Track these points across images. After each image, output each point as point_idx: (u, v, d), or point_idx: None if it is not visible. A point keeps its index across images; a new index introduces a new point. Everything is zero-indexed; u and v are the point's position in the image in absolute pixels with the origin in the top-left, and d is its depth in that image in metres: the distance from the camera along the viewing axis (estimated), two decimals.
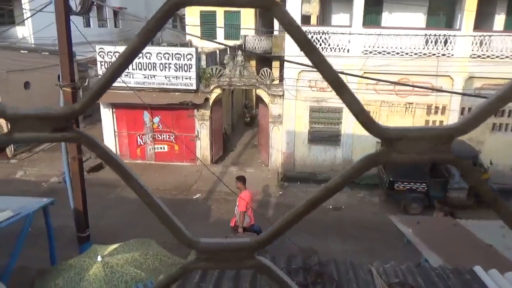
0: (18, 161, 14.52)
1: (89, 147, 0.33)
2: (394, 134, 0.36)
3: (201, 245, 0.37)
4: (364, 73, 12.17)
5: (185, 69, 13.53)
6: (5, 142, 0.32)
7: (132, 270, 4.97)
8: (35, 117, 0.32)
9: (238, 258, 0.38)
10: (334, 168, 13.86)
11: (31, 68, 14.83)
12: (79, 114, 0.33)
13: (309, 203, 0.37)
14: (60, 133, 0.33)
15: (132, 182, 0.34)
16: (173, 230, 0.37)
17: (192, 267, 0.38)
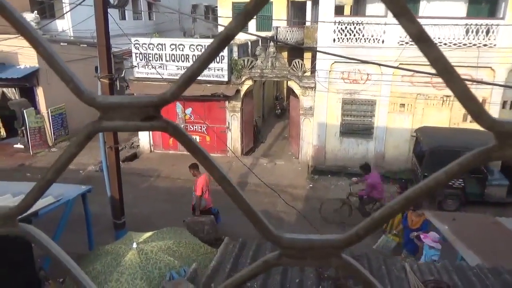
0: (59, 149, 15.15)
1: (175, 136, 0.33)
2: (509, 128, 0.33)
3: (285, 241, 0.37)
4: (399, 64, 11.81)
5: (217, 60, 13.60)
6: (95, 130, 0.33)
7: (166, 257, 5.10)
8: (124, 106, 0.33)
9: (323, 256, 0.37)
10: (367, 161, 13.60)
11: (71, 60, 15.37)
12: (169, 102, 0.33)
13: (405, 200, 0.35)
14: (149, 122, 0.33)
15: (216, 172, 0.34)
16: (256, 223, 0.37)
17: (274, 262, 0.38)
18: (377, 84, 12.98)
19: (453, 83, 0.33)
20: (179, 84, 0.32)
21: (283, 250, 0.37)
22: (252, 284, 4.38)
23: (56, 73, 0.33)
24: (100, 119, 0.33)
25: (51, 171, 0.34)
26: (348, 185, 11.26)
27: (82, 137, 0.33)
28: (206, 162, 0.34)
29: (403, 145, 13.35)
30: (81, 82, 0.33)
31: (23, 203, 0.34)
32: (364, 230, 0.37)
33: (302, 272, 4.61)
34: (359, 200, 9.76)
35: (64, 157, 0.33)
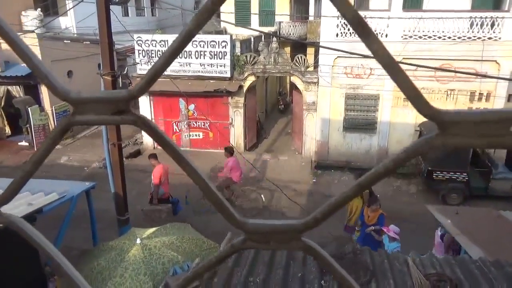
0: (63, 146, 15.24)
1: (145, 129, 0.35)
2: (449, 117, 0.35)
3: (249, 226, 0.38)
4: (403, 58, 11.76)
5: (220, 56, 13.61)
6: (69, 124, 0.35)
7: (169, 253, 5.14)
8: (96, 101, 0.34)
9: (285, 240, 0.39)
10: (369, 156, 13.59)
11: (74, 57, 15.43)
12: (136, 97, 0.35)
13: (357, 187, 0.37)
14: (119, 116, 0.34)
15: (185, 165, 0.35)
16: (223, 211, 0.38)
17: (240, 246, 0.39)
18: (380, 79, 12.92)
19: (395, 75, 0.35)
20: (145, 80, 0.34)
21: (248, 235, 0.39)
22: (254, 279, 4.41)
23: (31, 70, 0.35)
24: (74, 114, 0.34)
25: (30, 163, 0.35)
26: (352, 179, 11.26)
27: (57, 131, 0.34)
28: (176, 155, 0.35)
29: (407, 139, 13.30)
30: (55, 79, 0.34)
31: (4, 194, 0.36)
32: (321, 215, 0.38)
33: (304, 267, 4.63)
34: None
35: (41, 150, 0.34)
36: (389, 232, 6.71)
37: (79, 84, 16.05)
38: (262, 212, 10.48)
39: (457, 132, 0.34)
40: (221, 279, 4.34)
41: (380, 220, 7.21)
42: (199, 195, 9.28)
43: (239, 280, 4.29)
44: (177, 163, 0.36)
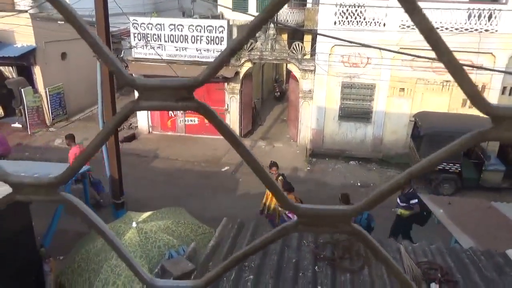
0: (57, 129, 15.14)
1: (206, 116, 0.36)
2: (504, 112, 0.37)
3: (301, 210, 0.40)
4: (400, 48, 11.75)
5: (217, 42, 13.50)
6: (133, 109, 0.36)
7: (165, 236, 5.18)
8: (161, 87, 0.35)
9: (335, 224, 0.40)
10: (364, 145, 13.68)
11: (68, 39, 15.19)
12: (201, 85, 0.36)
13: (408, 175, 0.39)
14: (183, 102, 0.36)
15: (242, 150, 0.37)
16: (277, 195, 0.40)
17: (292, 229, 0.41)
18: (377, 68, 12.94)
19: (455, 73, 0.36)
20: (212, 67, 0.35)
21: (301, 218, 0.40)
22: (249, 264, 4.48)
23: (99, 56, 0.36)
24: (138, 99, 0.35)
25: (91, 146, 0.36)
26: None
27: (121, 115, 0.36)
28: (233, 140, 0.37)
29: (402, 129, 13.40)
30: (121, 65, 0.35)
31: (65, 174, 0.37)
32: (372, 201, 0.40)
33: (299, 252, 4.70)
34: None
35: (102, 133, 0.35)
36: (292, 216, 6.95)
37: (74, 67, 15.85)
38: None
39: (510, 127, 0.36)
40: (217, 264, 4.40)
41: None
42: None
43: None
44: (235, 148, 0.37)
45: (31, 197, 0.37)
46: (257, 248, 0.41)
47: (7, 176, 0.37)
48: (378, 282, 4.11)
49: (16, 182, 0.37)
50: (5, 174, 0.37)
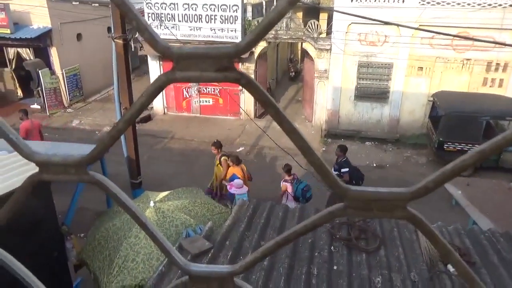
0: (74, 110, 15.34)
1: (248, 88, 0.34)
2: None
3: (352, 193, 0.38)
4: (419, 25, 11.39)
5: (231, 21, 13.32)
6: (168, 81, 0.34)
7: (182, 216, 5.26)
8: (199, 56, 0.33)
9: (389, 208, 0.38)
10: (380, 126, 13.49)
11: (83, 20, 15.21)
12: (243, 53, 0.33)
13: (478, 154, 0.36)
14: (223, 73, 0.33)
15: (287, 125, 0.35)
16: (324, 175, 0.38)
17: (340, 213, 0.39)
18: (395, 47, 12.61)
19: None
20: (255, 34, 0.32)
21: (350, 202, 0.38)
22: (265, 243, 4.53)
23: (129, 23, 0.33)
24: (173, 70, 0.33)
25: (122, 121, 0.35)
26: None
27: (154, 87, 0.33)
28: (277, 115, 0.35)
29: (419, 110, 13.14)
30: (155, 32, 0.33)
31: (95, 152, 0.36)
32: (434, 183, 0.38)
33: (315, 232, 4.72)
34: None
35: (134, 108, 0.34)
36: (231, 189, 7.43)
37: (89, 47, 15.91)
38: None
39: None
40: (233, 243, 4.45)
41: (232, 177, 7.83)
42: None
43: (251, 244, 4.40)
44: (279, 123, 0.35)
45: (59, 177, 0.36)
46: (298, 233, 0.39)
47: (33, 155, 0.36)
48: (394, 263, 4.10)
49: (43, 161, 0.36)
50: (31, 154, 0.36)
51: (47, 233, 5.15)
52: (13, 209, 0.40)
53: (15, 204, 0.40)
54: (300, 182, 7.87)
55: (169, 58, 0.33)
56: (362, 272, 3.98)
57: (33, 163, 0.37)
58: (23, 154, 0.36)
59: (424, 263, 4.08)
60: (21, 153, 0.37)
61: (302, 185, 7.77)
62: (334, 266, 4.05)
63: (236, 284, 0.39)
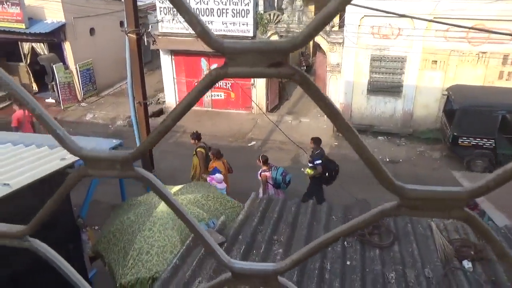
0: (88, 104, 15.51)
1: (302, 84, 0.33)
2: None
3: (407, 191, 0.37)
4: (434, 18, 11.19)
5: (243, 14, 13.27)
6: (219, 76, 0.33)
7: (195, 209, 5.30)
8: (251, 51, 0.32)
9: (444, 208, 0.37)
10: (394, 120, 13.35)
11: (95, 15, 15.31)
12: (299, 47, 0.33)
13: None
14: (276, 69, 0.33)
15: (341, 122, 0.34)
16: (377, 173, 0.38)
17: (393, 212, 0.38)
18: (408, 40, 12.43)
19: None
20: (312, 27, 0.31)
21: (404, 201, 0.37)
22: (278, 238, 4.53)
23: (182, 17, 0.33)
24: (225, 65, 0.33)
25: (170, 117, 0.34)
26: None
27: (205, 83, 0.33)
28: (331, 111, 0.34)
29: (433, 104, 12.95)
30: (208, 27, 0.33)
31: (141, 147, 0.36)
32: (495, 182, 0.37)
33: (328, 227, 4.71)
34: None
35: (183, 104, 0.34)
36: (211, 181, 7.52)
37: (102, 42, 16.03)
38: None
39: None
40: (246, 237, 4.47)
41: (214, 170, 7.95)
42: None
43: (264, 238, 4.41)
44: (333, 121, 0.34)
45: (105, 172, 0.36)
46: (345, 233, 0.38)
47: (81, 151, 0.36)
48: (408, 258, 4.08)
49: (90, 157, 0.36)
50: (79, 149, 0.37)
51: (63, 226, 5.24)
52: (57, 202, 0.41)
53: (59, 197, 0.41)
54: (277, 168, 8.07)
55: (221, 53, 0.33)
56: (376, 267, 3.97)
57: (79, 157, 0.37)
58: (69, 149, 0.37)
59: (438, 259, 4.05)
60: (67, 148, 0.37)
61: (280, 171, 7.97)
62: (347, 261, 4.04)
63: (280, 282, 0.38)
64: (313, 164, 8.09)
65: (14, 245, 0.43)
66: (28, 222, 0.45)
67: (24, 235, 0.42)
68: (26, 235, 0.43)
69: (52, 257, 0.43)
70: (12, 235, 0.42)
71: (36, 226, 0.43)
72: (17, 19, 13.78)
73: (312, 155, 8.34)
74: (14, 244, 0.42)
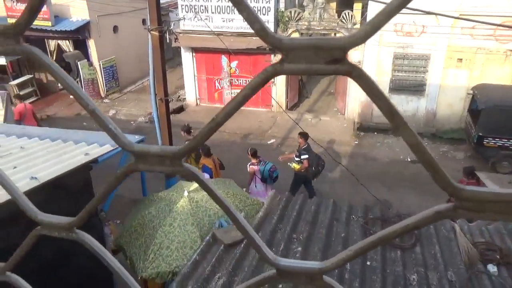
0: (110, 101, 15.81)
1: (359, 81, 0.33)
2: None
3: (465, 193, 0.36)
4: (460, 15, 10.91)
5: (263, 12, 13.24)
6: (275, 73, 0.34)
7: (215, 206, 5.33)
8: (309, 48, 0.32)
9: (505, 210, 0.36)
10: (416, 120, 13.10)
11: (119, 13, 15.58)
12: (359, 44, 0.33)
13: None
14: (334, 65, 0.32)
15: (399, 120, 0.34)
16: (435, 173, 0.37)
17: (448, 214, 0.37)
18: (433, 37, 12.15)
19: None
20: (374, 23, 0.31)
21: (460, 202, 0.36)
22: (298, 236, 4.52)
23: (241, 14, 0.33)
24: (282, 62, 0.33)
25: (221, 114, 0.35)
26: None
27: (260, 80, 0.33)
28: (389, 109, 0.34)
29: (458, 103, 12.65)
30: (266, 24, 0.33)
31: (192, 143, 0.36)
32: None
33: (348, 227, 4.67)
34: None
35: (236, 101, 0.34)
36: None
37: (125, 39, 16.29)
38: None
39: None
40: (265, 235, 4.48)
41: (202, 168, 8.07)
42: None
43: (283, 236, 4.41)
44: (390, 118, 0.34)
45: (155, 167, 0.37)
46: (398, 233, 0.37)
47: (132, 145, 0.37)
48: (430, 261, 4.00)
49: (141, 152, 0.36)
50: (130, 144, 0.37)
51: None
52: (107, 195, 0.42)
53: (109, 190, 0.42)
54: (266, 163, 8.15)
55: (279, 49, 0.33)
56: (397, 268, 3.91)
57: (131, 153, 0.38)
58: (121, 143, 0.38)
59: (462, 263, 3.96)
60: (119, 142, 0.38)
61: (268, 166, 8.06)
62: (367, 261, 4.00)
63: (325, 281, 0.38)
64: (299, 159, 8.30)
65: (62, 236, 0.44)
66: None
67: (72, 227, 0.44)
68: (74, 226, 0.44)
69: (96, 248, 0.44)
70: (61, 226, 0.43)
71: (84, 218, 0.45)
72: (43, 17, 14.15)
73: (299, 149, 8.49)
74: (63, 236, 0.44)
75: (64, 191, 4.79)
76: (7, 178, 0.43)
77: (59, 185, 4.44)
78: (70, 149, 5.15)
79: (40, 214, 0.44)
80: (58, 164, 4.48)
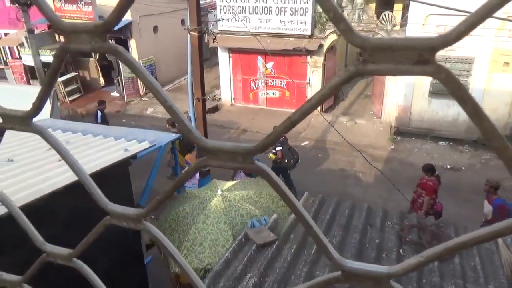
0: (149, 99, 16.25)
1: (447, 83, 0.32)
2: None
3: None
4: (508, 16, 10.40)
5: (301, 13, 13.19)
6: (357, 73, 0.34)
7: (248, 206, 5.36)
8: (398, 48, 0.32)
9: None
10: (456, 125, 12.61)
11: (159, 13, 15.99)
12: (451, 44, 0.32)
13: None
14: (420, 66, 0.32)
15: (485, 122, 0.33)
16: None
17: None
18: (477, 40, 11.65)
19: None
20: (468, 23, 0.31)
21: None
22: (331, 240, 4.46)
23: (326, 14, 0.34)
24: (365, 62, 0.33)
25: (298, 113, 0.35)
26: None
27: (341, 79, 0.33)
28: (476, 113, 0.33)
29: (503, 109, 12.06)
30: (351, 24, 0.33)
31: (266, 141, 0.37)
32: None
33: (383, 233, 4.56)
34: None
35: (315, 99, 0.34)
36: None
37: (164, 39, 16.71)
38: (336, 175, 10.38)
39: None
40: (297, 236, 4.45)
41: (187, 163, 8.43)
42: None
43: None
44: (477, 123, 0.33)
45: (226, 164, 0.38)
46: (478, 240, 0.35)
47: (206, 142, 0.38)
48: (469, 273, 3.84)
49: (213, 148, 0.37)
50: (204, 140, 0.39)
51: None
52: (176, 189, 0.43)
53: (179, 184, 0.43)
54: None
55: (364, 49, 0.33)
56: (433, 279, 3.78)
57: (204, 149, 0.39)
58: (195, 139, 0.39)
59: (504, 276, 3.77)
60: (193, 138, 0.39)
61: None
62: None
63: (393, 286, 0.37)
64: (274, 150, 8.96)
65: (130, 227, 0.46)
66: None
67: (140, 218, 0.45)
68: (142, 218, 0.46)
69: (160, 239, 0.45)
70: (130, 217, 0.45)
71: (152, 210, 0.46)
72: (89, 17, 14.76)
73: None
74: (131, 226, 0.46)
75: (104, 185, 4.97)
76: (83, 170, 0.46)
77: (99, 179, 4.62)
78: (111, 145, 5.33)
79: (110, 204, 0.46)
80: (99, 159, 4.66)
